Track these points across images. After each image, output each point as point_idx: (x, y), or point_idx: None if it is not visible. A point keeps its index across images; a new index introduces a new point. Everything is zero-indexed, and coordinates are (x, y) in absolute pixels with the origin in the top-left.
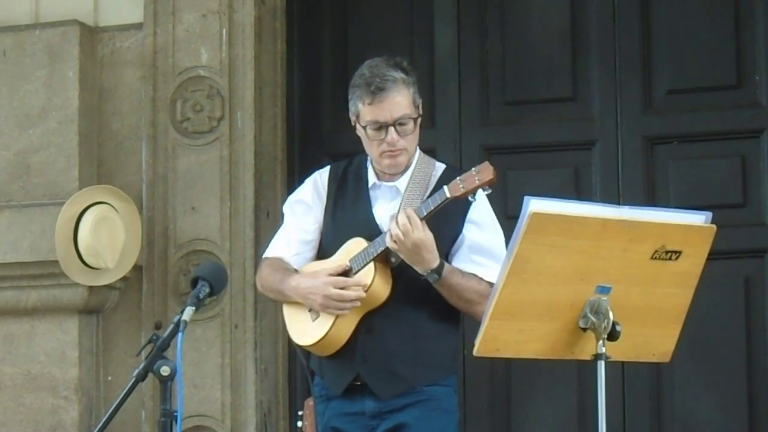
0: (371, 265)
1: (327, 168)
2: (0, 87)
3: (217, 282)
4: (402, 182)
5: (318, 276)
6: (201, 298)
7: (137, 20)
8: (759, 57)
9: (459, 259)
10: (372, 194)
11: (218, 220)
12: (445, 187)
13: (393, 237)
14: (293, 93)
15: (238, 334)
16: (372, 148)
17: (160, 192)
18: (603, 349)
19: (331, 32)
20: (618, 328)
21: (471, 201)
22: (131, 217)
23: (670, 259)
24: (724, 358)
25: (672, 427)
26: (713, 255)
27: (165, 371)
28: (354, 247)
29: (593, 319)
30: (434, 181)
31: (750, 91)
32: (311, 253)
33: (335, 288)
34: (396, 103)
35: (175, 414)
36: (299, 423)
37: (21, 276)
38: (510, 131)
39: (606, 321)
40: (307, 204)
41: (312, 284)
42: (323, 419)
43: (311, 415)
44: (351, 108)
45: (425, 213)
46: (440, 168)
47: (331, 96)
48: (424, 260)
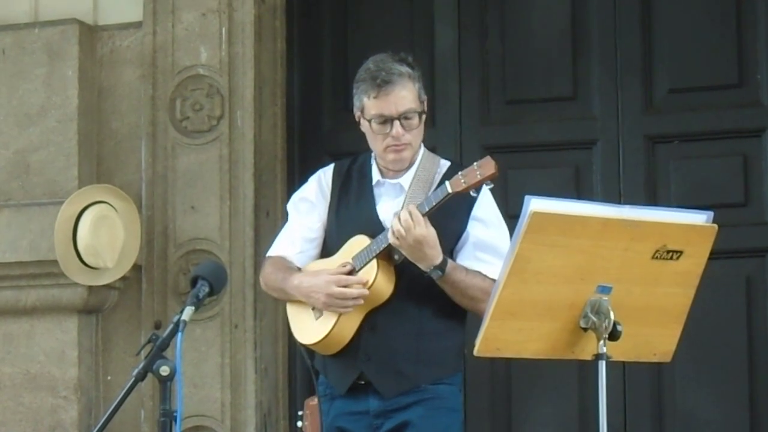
0: (374, 263)
1: (331, 166)
2: None
3: (217, 281)
4: (406, 179)
5: (320, 274)
6: (201, 298)
7: (137, 19)
8: (760, 56)
9: (463, 256)
10: (376, 191)
11: (218, 220)
12: (447, 183)
13: (395, 233)
14: (293, 92)
15: (238, 334)
16: (376, 143)
17: (160, 191)
18: (604, 349)
19: (331, 31)
20: (619, 328)
21: (474, 197)
22: (131, 217)
23: (671, 259)
24: (726, 358)
25: (673, 427)
26: (714, 254)
27: (164, 371)
28: (357, 245)
29: (594, 319)
30: (438, 178)
31: (751, 91)
32: (315, 251)
33: (338, 286)
34: (401, 97)
35: (175, 414)
36: (299, 423)
37: (20, 275)
38: (510, 131)
39: (607, 321)
40: (311, 202)
41: (314, 282)
42: (327, 418)
43: (312, 415)
44: (355, 103)
45: (427, 209)
46: (444, 165)
47: (331, 95)
48: (427, 257)
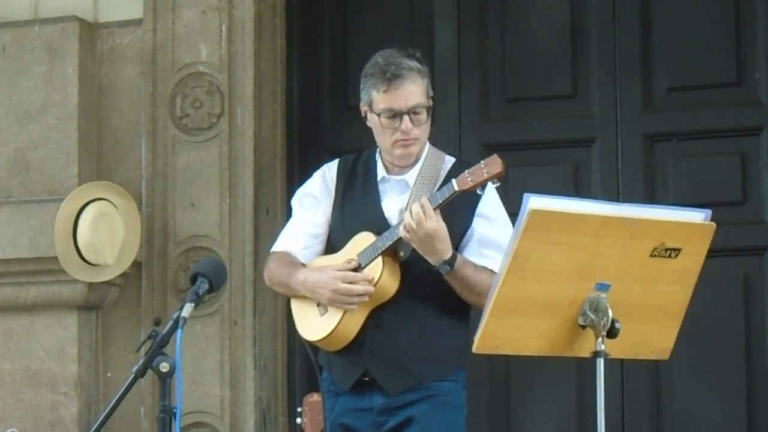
0: (379, 260)
1: (336, 161)
2: None
3: (217, 278)
4: (411, 176)
5: (326, 270)
6: (200, 295)
7: (137, 16)
8: (759, 54)
9: (469, 253)
10: (381, 188)
11: (218, 217)
12: (454, 181)
13: (406, 226)
14: (293, 90)
15: (238, 331)
16: (384, 138)
17: (160, 188)
18: (602, 347)
19: (331, 29)
20: (617, 326)
21: (480, 195)
22: (130, 214)
23: (670, 257)
24: (724, 356)
25: (671, 424)
26: (713, 252)
27: (164, 367)
28: (362, 242)
29: (592, 317)
30: (443, 175)
31: (750, 89)
32: (320, 247)
33: (344, 282)
34: (411, 92)
35: (175, 410)
36: (298, 420)
37: (20, 272)
38: (510, 128)
39: (605, 318)
40: (316, 197)
41: (320, 278)
42: (332, 415)
43: (311, 412)
44: (363, 97)
45: (435, 205)
46: (450, 161)
47: (331, 92)
48: (437, 251)
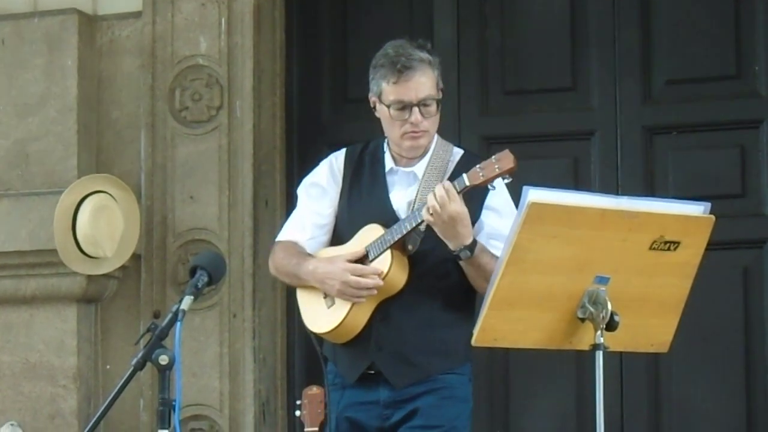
0: (388, 253)
1: (343, 151)
2: None
3: (216, 271)
4: (419, 168)
5: (335, 261)
6: (199, 288)
7: (136, 9)
8: (758, 47)
9: None
10: (389, 179)
11: (217, 210)
12: (465, 175)
13: (429, 209)
14: (292, 82)
15: (237, 323)
16: (394, 129)
17: (159, 181)
18: (601, 339)
19: (331, 22)
20: (616, 318)
21: (490, 189)
22: (130, 206)
23: (669, 250)
24: (723, 349)
25: (670, 417)
26: (712, 245)
27: (163, 360)
28: (369, 234)
29: (591, 309)
30: (452, 167)
31: (749, 82)
32: (326, 237)
33: (353, 275)
34: (421, 84)
35: (174, 403)
36: (298, 412)
37: (19, 265)
38: (509, 121)
39: (604, 311)
40: (322, 187)
41: (330, 269)
42: (338, 408)
43: (310, 405)
44: (372, 88)
45: (460, 188)
46: (458, 153)
47: (330, 85)
48: (459, 235)
